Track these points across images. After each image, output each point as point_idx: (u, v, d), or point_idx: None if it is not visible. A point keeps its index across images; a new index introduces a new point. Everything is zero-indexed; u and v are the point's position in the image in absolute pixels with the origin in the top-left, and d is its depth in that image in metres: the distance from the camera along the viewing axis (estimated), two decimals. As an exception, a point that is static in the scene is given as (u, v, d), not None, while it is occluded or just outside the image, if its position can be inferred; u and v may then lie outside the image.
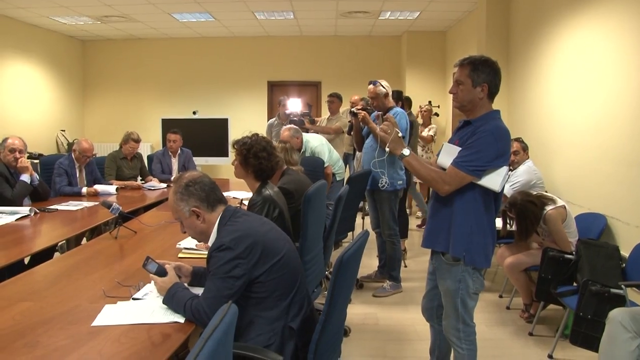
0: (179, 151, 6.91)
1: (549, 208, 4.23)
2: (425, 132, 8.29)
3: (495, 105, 2.81)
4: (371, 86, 4.97)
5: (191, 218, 2.37)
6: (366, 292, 5.14)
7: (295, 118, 7.60)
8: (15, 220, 4.23)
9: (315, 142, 6.13)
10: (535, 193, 4.44)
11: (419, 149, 8.01)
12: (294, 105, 8.14)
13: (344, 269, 2.09)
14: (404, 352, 3.92)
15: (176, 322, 2.16)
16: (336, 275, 2.09)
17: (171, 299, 2.28)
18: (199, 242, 2.56)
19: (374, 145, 4.85)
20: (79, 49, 11.08)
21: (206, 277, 2.30)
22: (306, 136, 6.14)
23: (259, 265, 2.23)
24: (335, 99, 7.53)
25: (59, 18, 8.97)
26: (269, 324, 2.25)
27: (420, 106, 8.79)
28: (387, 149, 2.84)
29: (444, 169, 2.76)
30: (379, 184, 4.80)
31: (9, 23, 8.87)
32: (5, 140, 4.87)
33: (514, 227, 4.32)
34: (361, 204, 6.66)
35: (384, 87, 4.97)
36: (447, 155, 2.78)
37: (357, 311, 4.64)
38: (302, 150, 6.01)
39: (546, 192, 4.92)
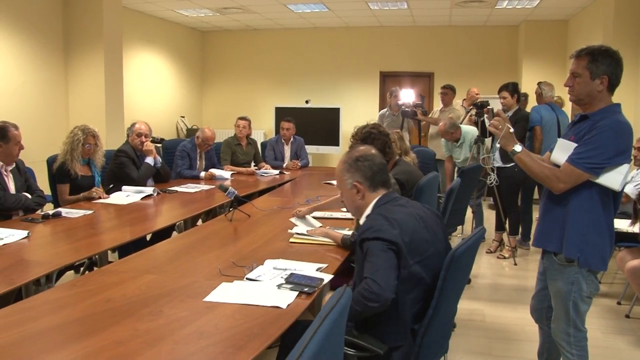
0: (291, 139, 7.07)
1: None
2: None
3: (619, 99, 2.63)
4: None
5: (351, 191, 2.40)
6: (474, 288, 5.03)
7: (407, 109, 7.54)
8: (140, 199, 4.55)
9: (473, 133, 6.08)
10: None
11: None
12: (407, 96, 8.05)
13: (455, 264, 2.06)
14: (510, 352, 3.80)
15: (279, 307, 2.22)
16: (447, 269, 2.07)
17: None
18: (353, 216, 2.58)
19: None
20: (199, 39, 11.60)
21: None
22: (464, 128, 6.16)
23: (400, 256, 2.19)
24: (449, 91, 7.39)
25: (182, 11, 9.44)
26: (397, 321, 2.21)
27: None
28: (497, 145, 2.76)
29: (558, 166, 2.64)
30: (488, 181, 4.67)
31: (137, 16, 9.46)
32: (133, 125, 5.23)
33: (636, 229, 4.05)
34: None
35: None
36: (562, 151, 2.65)
37: (464, 306, 4.55)
38: (460, 142, 6.06)
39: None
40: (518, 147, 2.70)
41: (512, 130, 2.74)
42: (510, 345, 3.91)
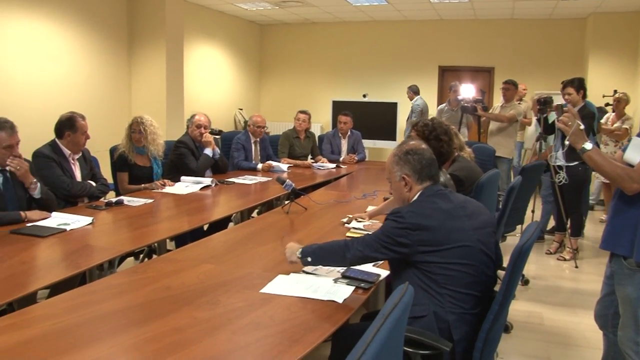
0: (348, 133, 7.06)
1: None
2: (616, 125, 7.20)
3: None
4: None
5: (400, 183, 2.41)
6: (532, 289, 4.90)
7: (467, 104, 7.40)
8: (199, 189, 4.62)
9: None
10: None
11: (611, 144, 7.30)
12: (467, 91, 7.90)
13: (522, 259, 2.02)
14: (569, 358, 3.67)
15: (335, 301, 2.21)
16: (513, 265, 2.03)
17: (314, 255, 2.48)
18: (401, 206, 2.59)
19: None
20: (258, 33, 11.71)
21: None
22: None
23: (428, 245, 2.19)
24: (511, 86, 7.19)
25: (242, 4, 9.54)
26: (427, 298, 2.20)
27: (616, 92, 7.66)
28: (566, 142, 2.66)
29: (632, 166, 2.51)
30: (556, 179, 4.52)
31: (199, 10, 9.62)
32: (193, 116, 5.32)
33: None
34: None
35: None
36: (637, 150, 2.53)
37: (521, 308, 4.44)
38: None
39: None
40: (588, 145, 2.59)
41: (582, 127, 2.63)
42: (570, 351, 3.78)
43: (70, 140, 4.09)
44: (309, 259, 2.48)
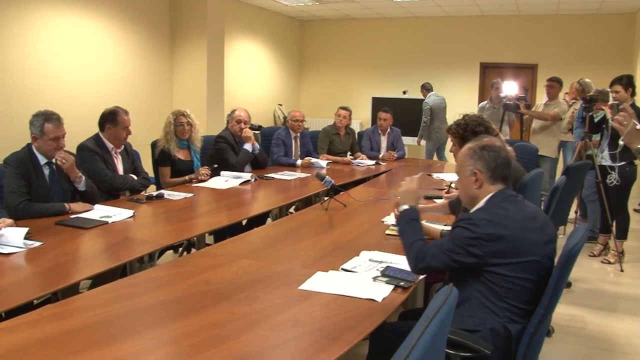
0: (388, 129, 7.00)
1: None
2: None
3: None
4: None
5: (470, 178, 2.31)
6: (574, 292, 4.77)
7: (509, 102, 7.27)
8: (239, 184, 4.65)
9: None
10: None
11: None
12: (509, 88, 7.75)
13: (570, 263, 1.96)
14: (615, 365, 3.57)
15: (374, 300, 2.18)
16: (562, 268, 1.97)
17: (406, 224, 2.37)
18: (465, 204, 2.49)
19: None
20: (298, 28, 11.73)
21: None
22: None
23: (500, 257, 2.11)
24: (556, 84, 7.02)
25: (282, 0, 9.55)
26: (485, 313, 2.14)
27: None
28: (620, 142, 2.56)
29: None
30: (607, 180, 4.37)
31: (239, 6, 9.68)
32: (233, 111, 5.35)
33: None
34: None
35: None
36: None
37: (563, 311, 4.32)
38: None
39: None
40: None
41: (639, 126, 2.54)
42: (615, 357, 3.65)
43: (111, 134, 4.15)
44: (397, 226, 2.45)
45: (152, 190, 4.45)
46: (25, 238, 2.75)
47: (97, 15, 6.90)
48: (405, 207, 2.45)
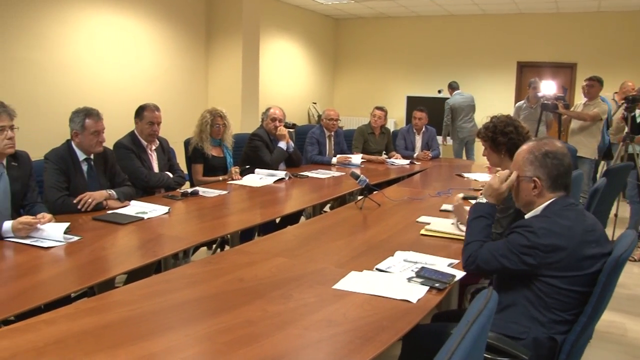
0: (423, 129, 6.95)
1: None
2: None
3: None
4: None
5: (528, 184, 2.21)
6: (614, 298, 4.63)
7: (547, 101, 7.12)
8: (273, 182, 4.65)
9: None
10: None
11: None
12: (547, 87, 7.59)
13: (617, 271, 1.90)
14: (658, 374, 3.46)
15: (408, 301, 2.14)
16: (608, 275, 1.92)
17: (473, 219, 2.35)
18: (520, 207, 2.40)
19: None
20: (333, 27, 11.71)
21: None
22: None
23: (555, 269, 2.03)
24: (596, 83, 6.85)
25: (319, -2, 9.57)
26: (531, 322, 2.08)
27: None
28: None
29: None
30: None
31: (275, 4, 9.71)
32: (268, 109, 5.36)
33: None
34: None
35: None
36: None
37: (603, 317, 4.19)
38: None
39: None
40: None
41: None
42: (657, 365, 3.56)
43: (137, 128, 4.23)
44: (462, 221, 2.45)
45: (186, 187, 4.49)
46: (65, 233, 2.80)
47: (135, 14, 7.00)
48: (482, 200, 2.40)
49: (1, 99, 3.04)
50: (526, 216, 2.25)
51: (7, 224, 2.77)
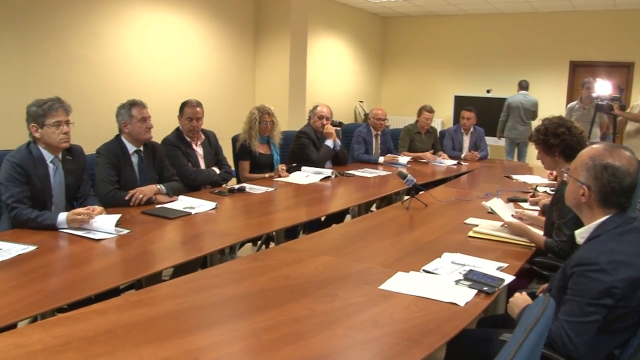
0: (471, 129, 6.83)
1: None
2: None
3: None
4: None
5: (579, 189, 2.05)
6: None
7: (602, 102, 6.90)
8: (319, 180, 4.65)
9: None
10: None
11: None
12: (602, 88, 7.35)
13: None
14: None
15: (456, 304, 2.10)
16: None
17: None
18: (570, 206, 2.27)
19: None
20: (380, 25, 11.64)
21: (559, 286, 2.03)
22: None
23: (630, 300, 1.88)
24: (655, 83, 6.62)
25: (367, -4, 9.52)
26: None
27: None
28: None
29: None
30: None
31: (322, 3, 9.71)
32: (315, 107, 5.36)
33: None
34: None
35: None
36: None
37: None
38: None
39: None
40: None
41: None
42: None
43: (180, 124, 4.31)
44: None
45: (232, 183, 4.52)
46: (116, 225, 2.86)
47: (184, 12, 7.10)
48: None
49: (57, 95, 3.12)
50: (577, 233, 2.12)
51: (62, 216, 2.86)
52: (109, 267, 2.52)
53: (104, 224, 2.86)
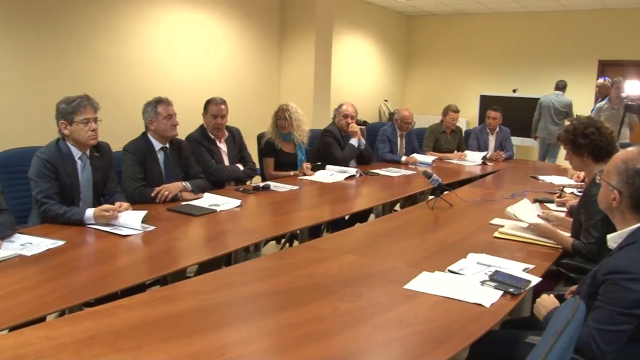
0: (497, 129, 6.77)
1: None
2: None
3: None
4: None
5: (610, 193, 2.03)
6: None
7: (632, 103, 6.79)
8: (344, 179, 4.64)
9: None
10: None
11: None
12: (632, 88, 7.22)
13: None
14: None
15: (481, 305, 2.08)
16: None
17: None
18: (600, 206, 2.24)
19: None
20: (405, 23, 11.58)
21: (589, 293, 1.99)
22: None
23: None
24: (687, 83, 6.49)
25: (392, -6, 9.48)
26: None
27: None
28: None
29: None
30: None
31: (349, 1, 9.69)
32: (340, 106, 5.36)
33: None
34: None
35: None
36: None
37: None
38: None
39: None
40: None
41: None
42: None
43: (204, 121, 4.34)
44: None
45: (257, 181, 4.54)
46: (142, 221, 2.89)
47: (210, 11, 7.14)
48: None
49: (85, 92, 3.17)
50: (610, 237, 2.07)
51: (90, 212, 2.90)
52: (135, 263, 2.55)
53: (131, 221, 2.89)
